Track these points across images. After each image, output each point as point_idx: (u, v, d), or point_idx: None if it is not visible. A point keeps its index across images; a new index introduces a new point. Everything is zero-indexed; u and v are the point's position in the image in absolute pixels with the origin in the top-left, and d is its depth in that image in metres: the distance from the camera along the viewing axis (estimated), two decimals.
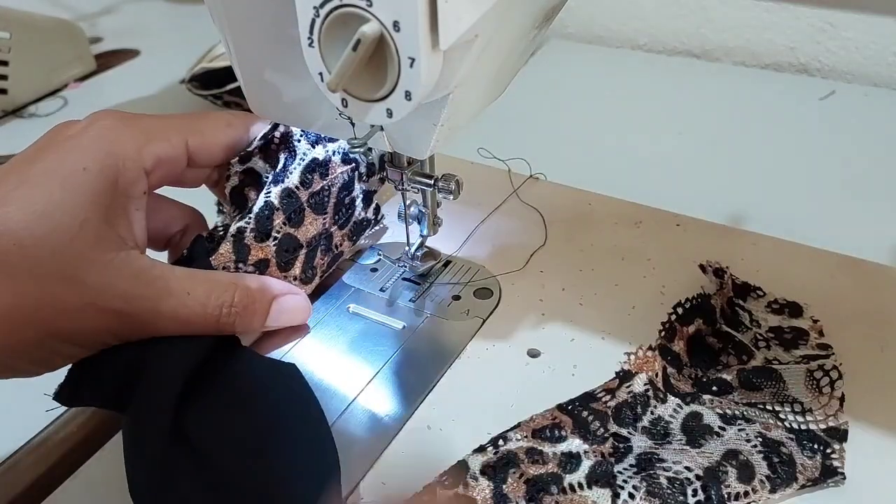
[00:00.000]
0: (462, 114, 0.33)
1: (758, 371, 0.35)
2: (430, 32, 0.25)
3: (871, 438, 0.34)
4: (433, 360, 0.40)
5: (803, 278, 0.42)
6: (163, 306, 0.33)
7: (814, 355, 0.36)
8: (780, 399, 0.34)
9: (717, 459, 0.32)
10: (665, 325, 0.39)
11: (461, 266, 0.46)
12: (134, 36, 0.98)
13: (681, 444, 0.33)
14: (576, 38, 0.95)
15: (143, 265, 0.33)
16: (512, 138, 0.70)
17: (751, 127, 0.71)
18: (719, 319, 0.39)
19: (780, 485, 0.31)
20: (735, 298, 0.40)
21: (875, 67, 0.80)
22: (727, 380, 0.36)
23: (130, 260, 0.32)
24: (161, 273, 0.33)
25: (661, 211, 0.49)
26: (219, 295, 0.34)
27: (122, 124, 0.34)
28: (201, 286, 0.34)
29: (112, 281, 0.31)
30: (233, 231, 0.38)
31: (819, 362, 0.35)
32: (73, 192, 0.31)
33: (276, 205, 0.39)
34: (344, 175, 0.42)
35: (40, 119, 0.79)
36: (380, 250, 0.47)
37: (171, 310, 0.33)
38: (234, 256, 0.37)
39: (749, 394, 0.35)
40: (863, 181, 0.61)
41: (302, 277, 0.41)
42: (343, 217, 0.43)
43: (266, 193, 0.39)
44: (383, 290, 0.44)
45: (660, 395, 0.35)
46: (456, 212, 0.48)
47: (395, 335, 0.41)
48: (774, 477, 0.31)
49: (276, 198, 0.39)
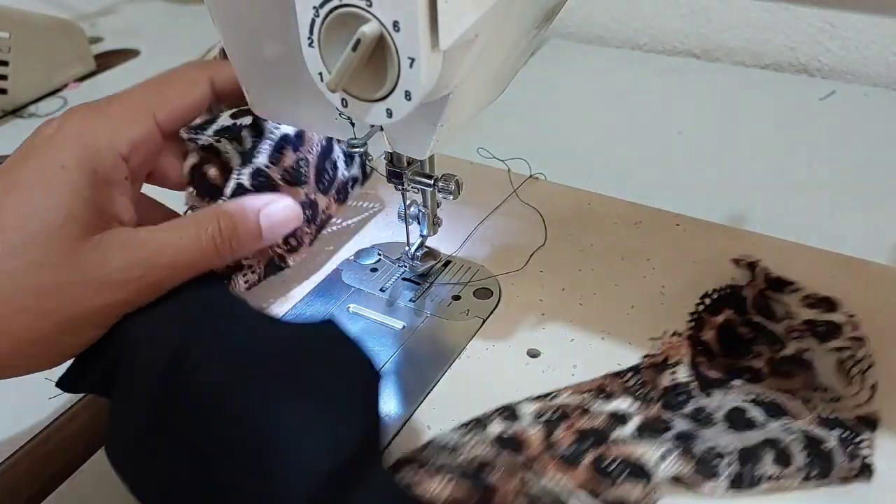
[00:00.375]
0: (462, 114, 0.33)
1: (789, 359, 0.35)
2: (430, 32, 0.25)
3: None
4: (433, 360, 0.40)
5: (803, 278, 0.42)
6: (161, 260, 0.34)
7: (846, 347, 0.36)
8: (812, 386, 0.35)
9: (756, 443, 0.32)
10: (693, 316, 0.39)
11: (461, 266, 0.46)
12: (134, 36, 0.98)
13: (723, 427, 0.33)
14: (576, 38, 0.95)
15: (129, 234, 0.34)
16: (512, 138, 0.70)
17: (751, 127, 0.71)
18: (751, 309, 0.38)
19: (815, 478, 0.31)
20: (768, 291, 0.40)
21: (875, 67, 0.80)
22: (758, 368, 0.36)
23: (116, 234, 0.34)
24: (147, 234, 0.35)
25: (661, 211, 0.49)
26: (205, 227, 0.35)
27: (92, 116, 0.36)
28: (188, 227, 0.35)
29: (104, 256, 0.33)
30: None
31: (849, 353, 0.35)
32: (56, 190, 0.33)
33: (247, 185, 0.39)
34: (321, 141, 0.42)
35: (40, 119, 0.79)
36: (380, 250, 0.47)
37: (170, 259, 0.34)
38: None
39: (780, 382, 0.35)
40: (863, 181, 0.61)
41: (286, 248, 0.41)
42: (327, 182, 0.43)
43: (237, 175, 0.39)
44: (383, 290, 0.44)
45: (704, 388, 0.35)
46: (456, 212, 0.48)
47: (395, 335, 0.41)
48: (810, 470, 0.31)
49: (248, 178, 0.39)
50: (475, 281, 0.45)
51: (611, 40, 0.93)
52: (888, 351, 0.38)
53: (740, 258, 0.42)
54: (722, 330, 0.38)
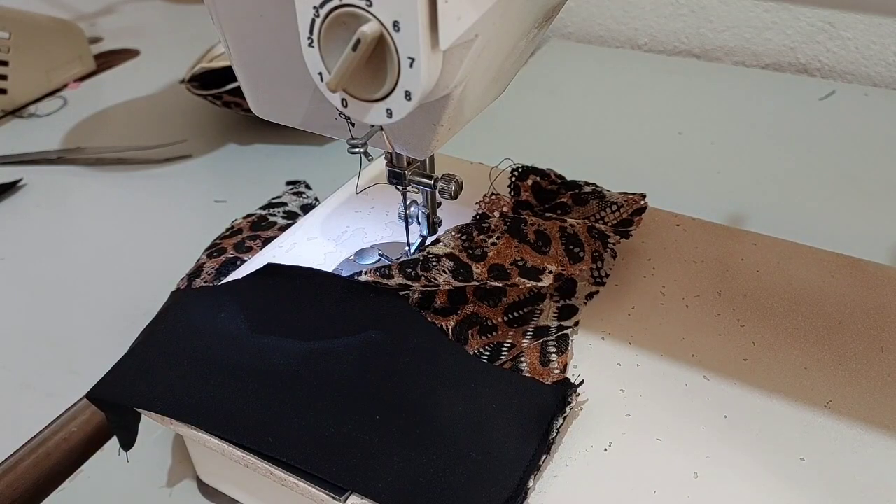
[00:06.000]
0: (462, 114, 0.33)
1: (587, 193, 0.46)
2: (430, 32, 0.25)
3: (872, 439, 0.34)
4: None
5: (803, 278, 0.42)
6: None
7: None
8: (602, 206, 0.45)
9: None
10: (509, 186, 0.47)
11: None
12: (134, 36, 0.99)
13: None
14: (576, 38, 0.95)
15: None
16: (512, 138, 0.70)
17: (751, 127, 0.71)
18: (550, 173, 0.48)
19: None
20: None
21: (875, 67, 0.80)
22: (564, 202, 0.45)
23: None
24: None
25: (661, 211, 0.49)
26: None
27: None
28: None
29: None
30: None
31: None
32: None
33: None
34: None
35: (40, 119, 0.79)
36: (380, 250, 0.47)
37: None
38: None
39: (581, 209, 0.45)
40: (863, 181, 0.61)
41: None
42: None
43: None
44: None
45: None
46: (456, 212, 0.48)
47: None
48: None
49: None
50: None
51: (611, 40, 0.93)
52: (888, 351, 0.38)
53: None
54: (532, 191, 0.48)
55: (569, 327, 0.39)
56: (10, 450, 0.43)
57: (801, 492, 0.32)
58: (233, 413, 0.33)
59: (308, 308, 0.38)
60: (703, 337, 0.39)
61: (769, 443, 0.34)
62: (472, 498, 0.30)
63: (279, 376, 0.35)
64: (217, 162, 0.70)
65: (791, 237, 0.46)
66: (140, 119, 0.79)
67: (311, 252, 0.45)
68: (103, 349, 0.43)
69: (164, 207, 0.64)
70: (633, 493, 0.32)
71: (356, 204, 0.50)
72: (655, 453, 0.33)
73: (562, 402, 0.33)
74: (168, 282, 0.46)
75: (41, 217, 0.64)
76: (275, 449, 0.32)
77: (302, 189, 0.61)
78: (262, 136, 0.73)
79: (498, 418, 0.33)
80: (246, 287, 0.40)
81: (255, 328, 0.37)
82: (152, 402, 0.34)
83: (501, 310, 0.40)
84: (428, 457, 0.31)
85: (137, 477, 0.41)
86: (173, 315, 0.39)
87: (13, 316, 0.53)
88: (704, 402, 0.36)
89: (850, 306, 0.40)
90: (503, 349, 0.37)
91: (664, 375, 0.37)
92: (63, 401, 0.46)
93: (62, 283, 0.56)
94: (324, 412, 0.33)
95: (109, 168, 0.70)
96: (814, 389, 0.36)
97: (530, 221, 0.39)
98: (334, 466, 0.31)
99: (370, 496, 0.30)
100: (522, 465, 0.31)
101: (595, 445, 0.34)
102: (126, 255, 0.59)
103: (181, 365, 0.36)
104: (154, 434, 0.43)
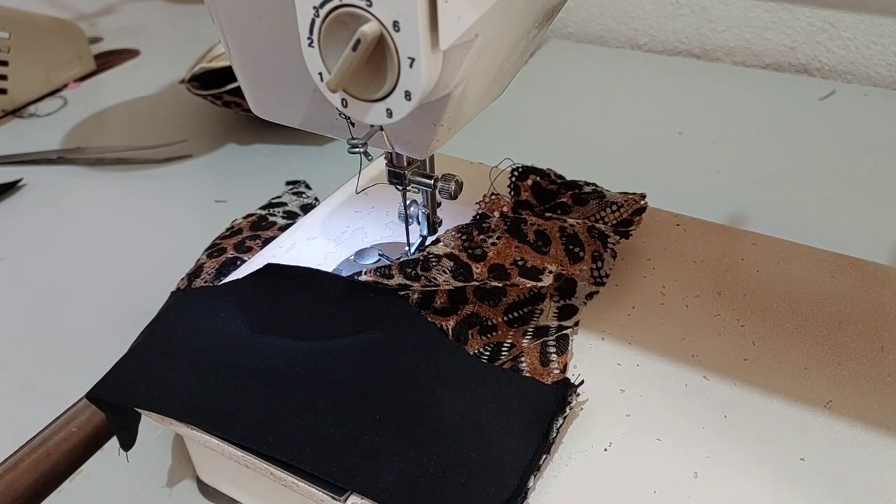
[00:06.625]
0: (462, 114, 0.33)
1: (587, 193, 0.46)
2: (430, 32, 0.25)
3: (871, 439, 0.34)
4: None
5: (803, 278, 0.42)
6: None
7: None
8: (602, 206, 0.45)
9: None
10: (509, 186, 0.47)
11: None
12: (134, 36, 0.99)
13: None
14: (576, 38, 0.95)
15: None
16: (512, 138, 0.70)
17: (751, 127, 0.71)
18: (550, 173, 0.48)
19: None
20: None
21: (875, 67, 0.80)
22: (564, 202, 0.45)
23: None
24: None
25: (661, 211, 0.49)
26: None
27: None
28: None
29: None
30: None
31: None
32: None
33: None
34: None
35: (40, 119, 0.79)
36: (380, 250, 0.47)
37: None
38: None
39: (581, 209, 0.45)
40: (863, 181, 0.61)
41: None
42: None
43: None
44: None
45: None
46: (456, 212, 0.48)
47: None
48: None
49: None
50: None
51: (611, 40, 0.93)
52: (888, 351, 0.38)
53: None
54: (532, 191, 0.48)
55: (569, 327, 0.39)
56: (10, 450, 0.43)
57: (801, 492, 0.32)
58: (233, 413, 0.33)
59: (308, 308, 0.38)
60: (703, 337, 0.39)
61: (769, 443, 0.34)
62: (472, 498, 0.30)
63: (279, 376, 0.35)
64: (217, 162, 0.70)
65: (791, 237, 0.46)
66: (140, 119, 0.79)
67: (311, 252, 0.45)
68: (103, 349, 0.43)
69: (164, 207, 0.64)
70: (633, 493, 0.32)
71: (356, 204, 0.50)
72: (655, 453, 0.33)
73: (562, 402, 0.33)
74: (168, 282, 0.46)
75: (41, 217, 0.64)
76: (275, 449, 0.32)
77: (302, 189, 0.61)
78: (262, 136, 0.73)
79: (498, 418, 0.33)
80: (246, 287, 0.40)
81: (255, 328, 0.37)
82: (152, 402, 0.34)
83: (501, 310, 0.40)
84: (428, 457, 0.31)
85: (137, 477, 0.41)
86: (173, 315, 0.39)
87: (13, 316, 0.53)
88: (704, 402, 0.36)
89: (850, 306, 0.40)
90: (503, 349, 0.37)
91: (664, 375, 0.37)
92: (63, 401, 0.46)
93: (62, 283, 0.56)
94: (324, 412, 0.33)
95: (109, 168, 0.70)
96: (814, 389, 0.36)
97: (530, 221, 0.39)
98: (334, 466, 0.31)
99: (370, 496, 0.30)
100: (522, 465, 0.31)
101: (595, 445, 0.34)
102: (126, 256, 0.59)
103: (181, 365, 0.36)
104: (154, 434, 0.43)
